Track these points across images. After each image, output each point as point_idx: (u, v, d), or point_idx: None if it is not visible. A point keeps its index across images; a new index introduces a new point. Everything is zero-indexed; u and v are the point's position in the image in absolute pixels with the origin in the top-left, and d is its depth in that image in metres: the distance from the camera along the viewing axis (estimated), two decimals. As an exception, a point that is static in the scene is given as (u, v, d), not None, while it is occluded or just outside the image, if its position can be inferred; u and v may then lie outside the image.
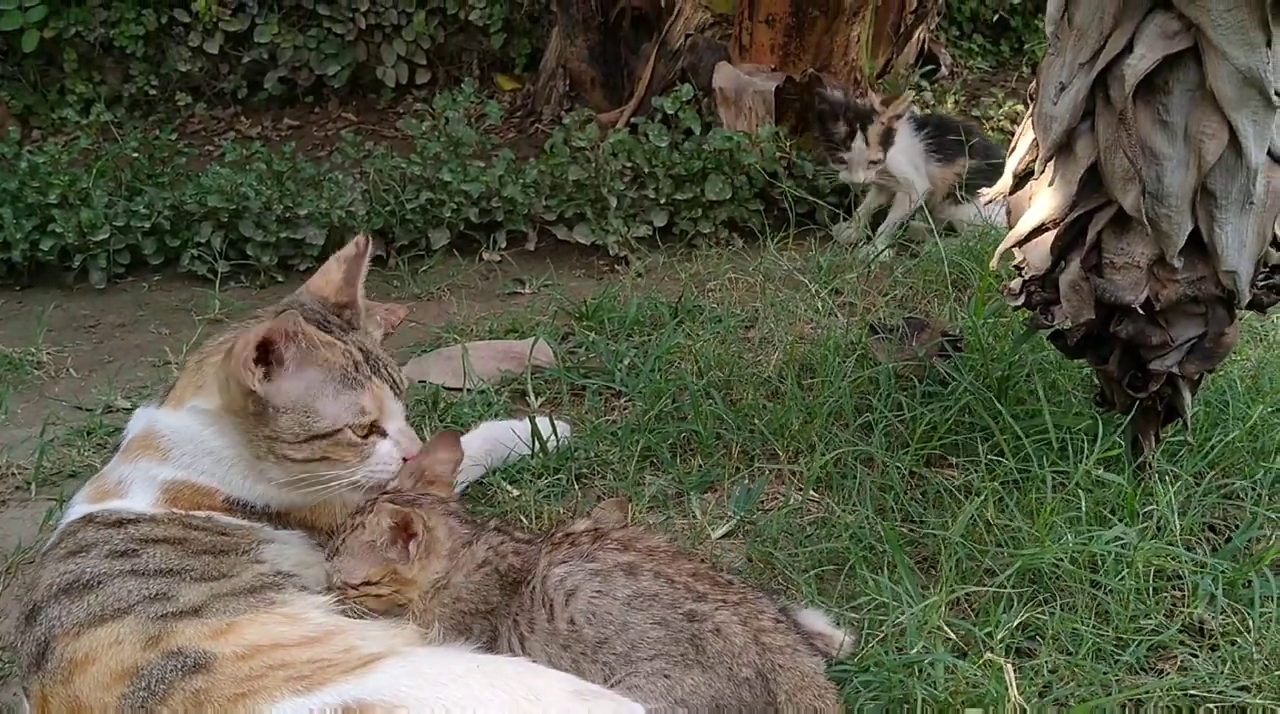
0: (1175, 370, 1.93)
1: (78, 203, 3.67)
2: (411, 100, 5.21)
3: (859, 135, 3.44)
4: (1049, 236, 1.94)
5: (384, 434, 1.92)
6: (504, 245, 3.81)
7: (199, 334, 3.21)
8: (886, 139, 3.47)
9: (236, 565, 1.77)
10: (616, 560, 1.74)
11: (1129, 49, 1.78)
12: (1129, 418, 2.02)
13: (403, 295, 3.52)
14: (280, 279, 3.66)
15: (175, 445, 1.90)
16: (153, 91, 5.14)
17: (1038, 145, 1.95)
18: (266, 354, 1.81)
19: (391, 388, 1.95)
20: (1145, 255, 1.86)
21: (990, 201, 2.14)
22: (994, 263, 2.13)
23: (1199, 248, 1.85)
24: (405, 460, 1.94)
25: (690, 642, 1.65)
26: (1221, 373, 2.32)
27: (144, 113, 5.14)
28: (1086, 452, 2.04)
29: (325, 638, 1.64)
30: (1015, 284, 2.02)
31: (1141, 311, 1.87)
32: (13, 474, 2.56)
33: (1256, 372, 2.46)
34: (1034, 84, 1.97)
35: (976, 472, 2.15)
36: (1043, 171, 1.94)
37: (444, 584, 1.80)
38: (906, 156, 3.55)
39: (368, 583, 1.80)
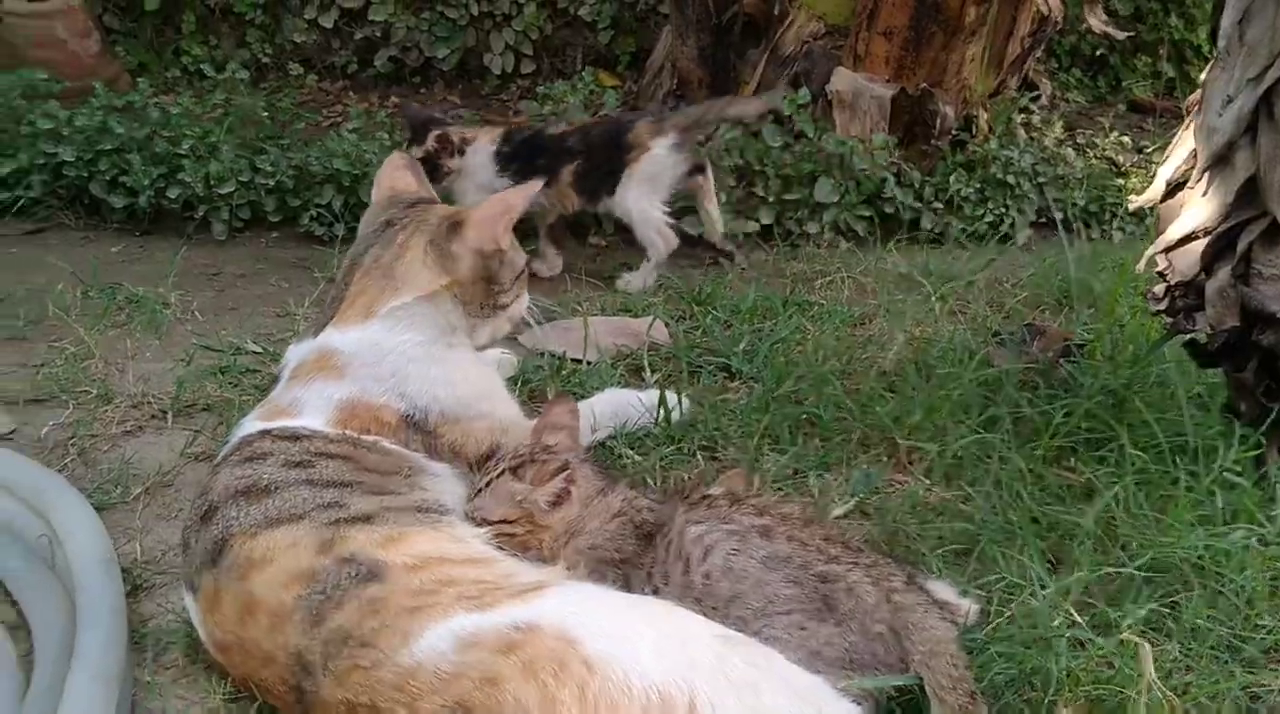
0: (1313, 383, 1.97)
1: (207, 155, 3.79)
2: (515, 89, 5.32)
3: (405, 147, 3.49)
4: (1199, 244, 1.99)
5: None
6: (611, 232, 3.88)
7: (320, 290, 3.31)
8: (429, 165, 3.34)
9: (403, 486, 1.86)
10: (752, 523, 1.79)
11: (1299, 67, 1.84)
12: (1262, 429, 2.06)
13: (513, 271, 3.59)
14: (395, 245, 3.75)
15: (354, 359, 2.01)
16: (265, 59, 5.27)
17: (1195, 155, 2.01)
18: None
19: None
20: (1295, 268, 1.91)
21: (1139, 208, 2.19)
22: (1140, 266, 2.18)
23: (1351, 264, 1.89)
24: None
25: (824, 600, 1.70)
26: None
27: (255, 80, 5.26)
28: (1216, 457, 2.08)
29: (488, 562, 1.70)
30: (1159, 289, 2.07)
31: (1287, 323, 1.92)
32: (149, 402, 2.65)
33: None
34: (1196, 95, 2.02)
35: (1099, 472, 2.20)
36: (1198, 181, 2.00)
37: (578, 530, 1.87)
38: (482, 194, 3.24)
39: (504, 521, 1.87)
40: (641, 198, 3.39)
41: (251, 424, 1.98)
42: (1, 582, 2.04)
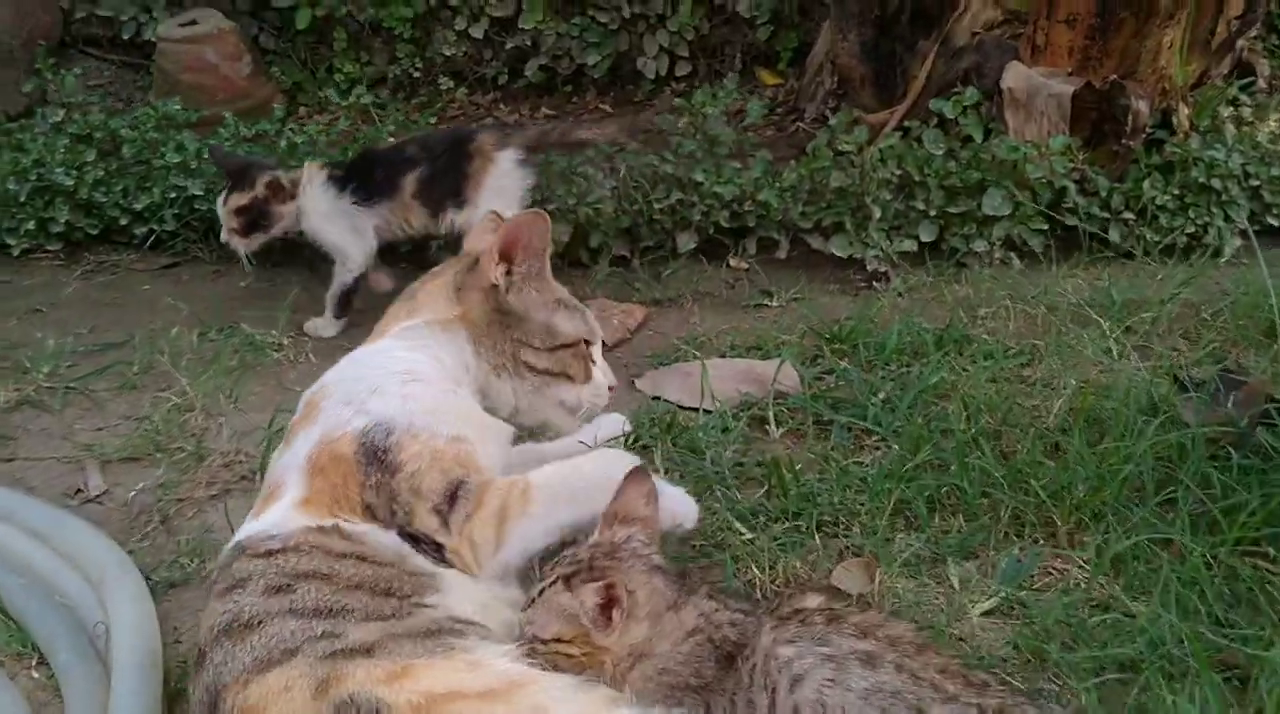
0: None
1: (330, 185, 3.65)
2: (669, 93, 5.03)
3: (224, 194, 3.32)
4: None
5: (592, 361, 2.05)
6: (753, 253, 3.56)
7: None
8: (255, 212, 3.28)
9: (403, 607, 1.59)
10: (853, 647, 1.49)
11: None
12: None
13: (643, 299, 3.33)
14: (522, 273, 3.55)
15: (337, 387, 1.83)
16: (416, 74, 5.14)
17: None
18: (507, 257, 1.93)
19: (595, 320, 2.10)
20: None
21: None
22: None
23: None
24: (610, 390, 2.09)
25: (938, 751, 1.40)
26: None
27: (406, 95, 5.15)
28: None
29: (510, 691, 1.44)
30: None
31: None
32: (240, 461, 2.52)
33: None
34: None
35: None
36: None
37: (646, 652, 1.59)
38: (330, 222, 3.28)
39: (559, 639, 1.61)
40: None
41: (243, 526, 1.75)
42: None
